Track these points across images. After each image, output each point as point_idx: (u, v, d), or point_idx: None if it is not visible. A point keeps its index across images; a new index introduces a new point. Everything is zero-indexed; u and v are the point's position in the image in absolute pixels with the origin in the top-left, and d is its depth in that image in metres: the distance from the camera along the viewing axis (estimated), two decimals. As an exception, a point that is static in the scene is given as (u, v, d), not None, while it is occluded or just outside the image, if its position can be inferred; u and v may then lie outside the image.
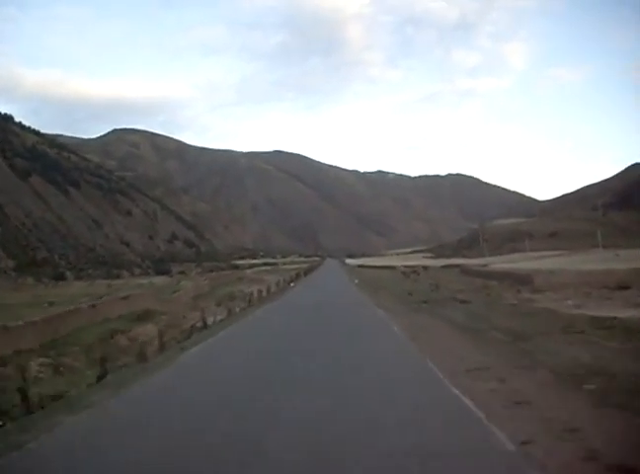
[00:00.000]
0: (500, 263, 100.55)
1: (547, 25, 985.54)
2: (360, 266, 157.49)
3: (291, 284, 68.76)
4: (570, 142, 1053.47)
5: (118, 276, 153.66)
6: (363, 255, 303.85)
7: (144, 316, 37.58)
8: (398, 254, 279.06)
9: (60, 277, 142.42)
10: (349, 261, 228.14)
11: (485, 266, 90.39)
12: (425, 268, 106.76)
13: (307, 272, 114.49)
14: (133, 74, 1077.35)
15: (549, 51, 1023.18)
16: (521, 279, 47.96)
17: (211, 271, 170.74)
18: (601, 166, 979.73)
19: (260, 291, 46.50)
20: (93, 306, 35.53)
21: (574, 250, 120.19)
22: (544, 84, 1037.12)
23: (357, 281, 69.09)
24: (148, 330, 30.67)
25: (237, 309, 38.11)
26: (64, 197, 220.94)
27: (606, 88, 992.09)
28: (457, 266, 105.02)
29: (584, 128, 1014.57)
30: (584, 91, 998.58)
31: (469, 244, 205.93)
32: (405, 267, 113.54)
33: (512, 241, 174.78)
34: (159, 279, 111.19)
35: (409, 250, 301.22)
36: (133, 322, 35.31)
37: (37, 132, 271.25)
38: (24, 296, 64.40)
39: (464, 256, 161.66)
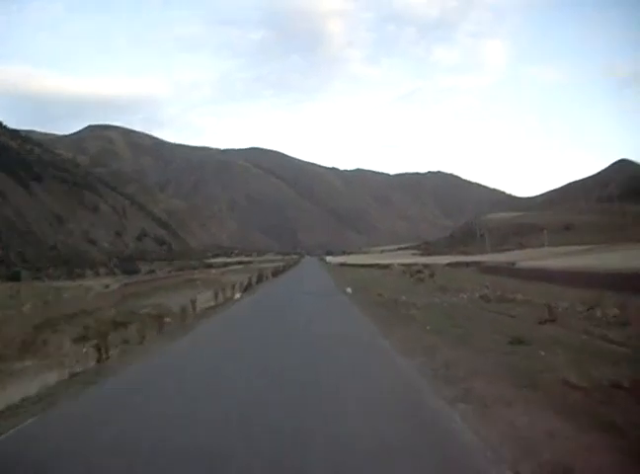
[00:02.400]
0: (525, 259, 76.49)
1: (527, 23, 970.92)
2: (342, 264, 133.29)
3: (236, 296, 38.67)
4: (549, 140, 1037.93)
5: (80, 276, 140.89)
6: (344, 252, 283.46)
7: None
8: (382, 251, 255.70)
9: (15, 278, 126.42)
10: (329, 258, 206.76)
11: (512, 263, 66.49)
12: (426, 266, 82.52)
13: (278, 272, 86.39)
14: (111, 71, 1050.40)
15: (529, 49, 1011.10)
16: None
17: (181, 269, 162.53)
18: (582, 163, 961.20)
19: (159, 318, 22.49)
20: None
21: (606, 243, 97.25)
22: (524, 82, 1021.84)
23: (349, 291, 39.08)
24: None
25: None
26: (25, 191, 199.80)
27: (585, 86, 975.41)
28: (467, 264, 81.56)
29: (563, 126, 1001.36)
30: (562, 89, 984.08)
31: (463, 239, 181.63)
32: (403, 265, 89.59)
33: (516, 235, 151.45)
34: (97, 282, 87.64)
35: (393, 247, 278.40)
36: None
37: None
38: None
39: (463, 252, 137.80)
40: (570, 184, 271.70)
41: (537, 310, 21.98)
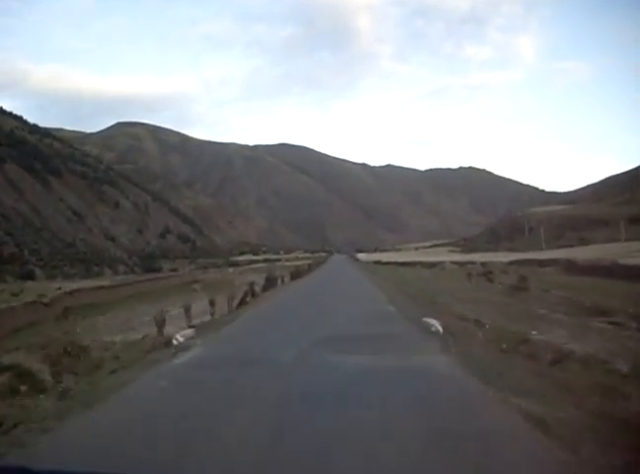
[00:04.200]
0: (621, 256, 57.89)
1: (558, 17, 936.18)
2: (377, 262, 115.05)
3: (176, 340, 15.29)
4: (582, 135, 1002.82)
5: (98, 275, 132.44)
6: (376, 250, 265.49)
7: None
8: (417, 248, 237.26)
9: (29, 276, 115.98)
10: (361, 256, 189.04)
11: (614, 261, 48.30)
12: (484, 265, 64.74)
13: (301, 273, 65.44)
14: (140, 69, 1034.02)
15: (561, 44, 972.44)
16: None
17: (205, 267, 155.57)
18: (618, 159, 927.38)
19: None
20: None
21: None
22: (555, 77, 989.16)
23: (437, 327, 15.14)
24: None
25: None
26: (42, 186, 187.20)
27: (618, 82, 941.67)
28: (539, 262, 63.43)
29: (596, 121, 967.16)
30: (595, 84, 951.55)
31: (509, 234, 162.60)
32: (456, 263, 71.84)
33: (572, 229, 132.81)
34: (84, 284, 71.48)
35: (428, 244, 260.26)
36: None
37: (18, 117, 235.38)
38: None
39: (511, 249, 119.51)
40: (610, 177, 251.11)
41: None
